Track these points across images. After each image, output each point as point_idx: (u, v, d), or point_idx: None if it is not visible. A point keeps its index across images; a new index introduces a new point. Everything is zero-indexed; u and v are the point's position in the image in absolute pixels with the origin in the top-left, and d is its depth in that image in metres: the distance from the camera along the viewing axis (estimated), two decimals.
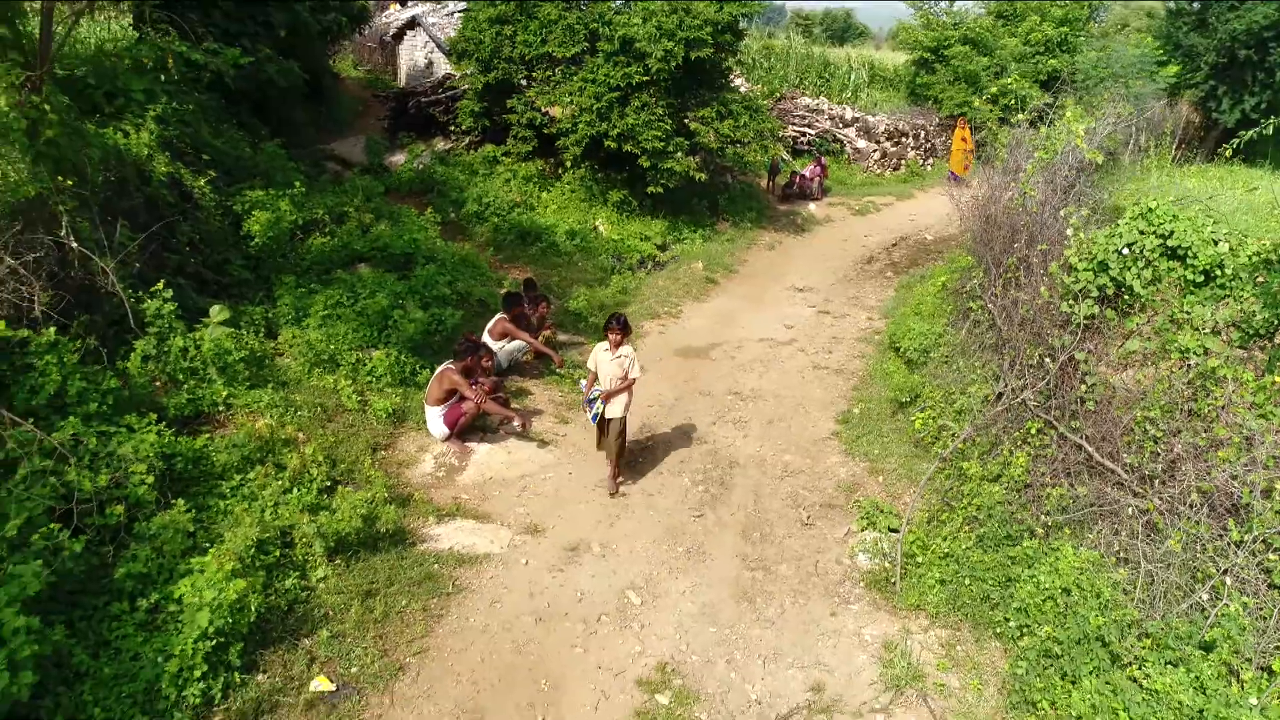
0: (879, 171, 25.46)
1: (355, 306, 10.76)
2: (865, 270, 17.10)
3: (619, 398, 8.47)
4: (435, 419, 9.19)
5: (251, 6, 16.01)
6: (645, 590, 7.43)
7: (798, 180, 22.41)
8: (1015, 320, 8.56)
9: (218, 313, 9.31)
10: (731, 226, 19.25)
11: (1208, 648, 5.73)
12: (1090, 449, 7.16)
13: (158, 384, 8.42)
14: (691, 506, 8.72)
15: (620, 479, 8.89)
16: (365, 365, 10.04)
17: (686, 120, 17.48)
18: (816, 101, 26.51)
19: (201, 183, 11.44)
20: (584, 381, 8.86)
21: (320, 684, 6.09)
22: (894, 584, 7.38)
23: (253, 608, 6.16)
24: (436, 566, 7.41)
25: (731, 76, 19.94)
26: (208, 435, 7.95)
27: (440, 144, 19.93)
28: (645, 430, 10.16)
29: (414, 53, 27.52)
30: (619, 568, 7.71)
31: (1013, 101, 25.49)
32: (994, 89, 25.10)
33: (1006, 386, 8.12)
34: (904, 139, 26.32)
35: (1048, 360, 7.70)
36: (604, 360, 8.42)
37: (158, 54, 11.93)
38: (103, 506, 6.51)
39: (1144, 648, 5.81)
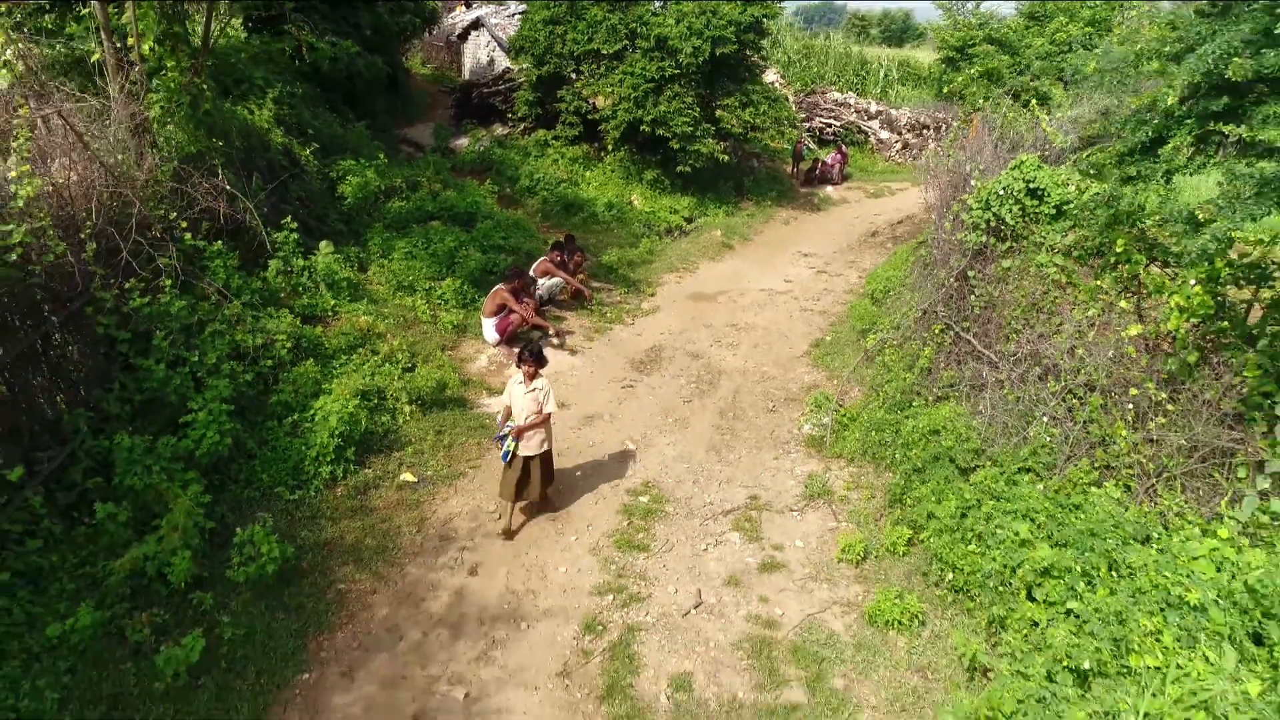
0: (900, 161, 27.84)
1: (428, 249, 13.76)
2: (868, 242, 19.63)
3: (534, 434, 7.96)
4: (489, 328, 12.11)
5: (344, 8, 19.25)
6: (640, 442, 10.21)
7: (820, 166, 24.99)
8: (943, 254, 11.16)
9: (325, 246, 12.34)
10: (754, 205, 21.94)
11: (1025, 468, 8.28)
12: (974, 342, 9.75)
13: (284, 293, 11.45)
14: (683, 396, 11.47)
15: (515, 529, 8.37)
16: (436, 291, 13.01)
17: (714, 108, 20.23)
18: (844, 96, 29.03)
19: (307, 152, 14.57)
20: (499, 416, 8.30)
21: (407, 477, 9.00)
22: (825, 441, 10.06)
23: (362, 423, 9.13)
24: (487, 420, 10.28)
25: (761, 71, 22.59)
26: (322, 328, 10.94)
27: (499, 129, 22.97)
28: (655, 352, 12.92)
29: (477, 50, 30.70)
30: (622, 428, 10.50)
31: (1034, 98, 27.64)
32: (1012, 84, 27.23)
33: (927, 302, 10.74)
34: (926, 131, 28.65)
35: (949, 279, 10.30)
36: (517, 394, 7.92)
37: (270, 48, 15.19)
38: (257, 359, 9.51)
39: (980, 463, 8.42)
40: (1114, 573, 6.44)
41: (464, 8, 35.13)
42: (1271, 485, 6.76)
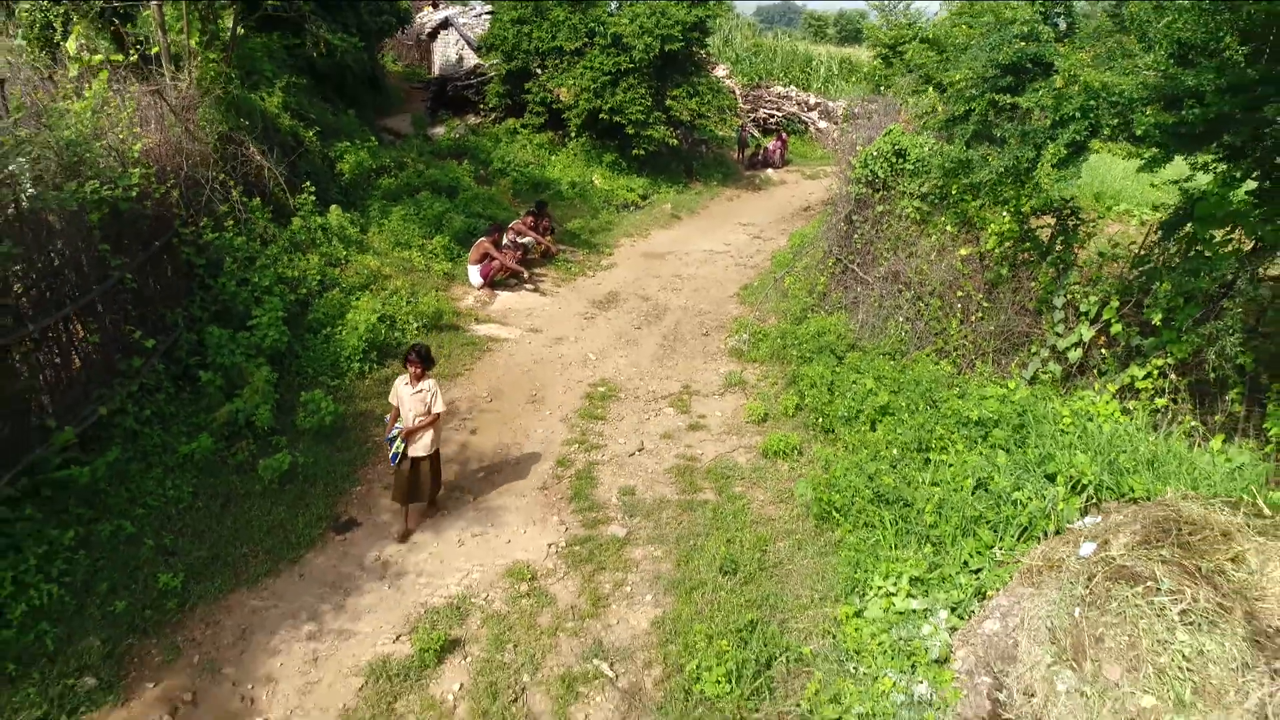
0: (836, 149, 30.98)
1: (419, 214, 16.52)
2: (801, 215, 22.67)
3: (423, 435, 8.21)
4: (474, 273, 14.92)
5: (334, 9, 21.90)
6: (599, 355, 13.08)
7: (762, 152, 28.07)
8: (839, 207, 14.21)
9: (335, 209, 15.07)
10: (701, 185, 24.93)
11: (884, 353, 11.29)
12: (855, 269, 12.78)
13: (306, 244, 14.16)
14: (634, 325, 14.37)
15: (410, 529, 8.55)
16: (428, 247, 15.78)
17: (665, 99, 23.18)
18: (787, 89, 32.19)
19: (310, 134, 17.23)
20: (387, 418, 8.61)
21: None
22: (743, 352, 13.02)
23: (381, 335, 11.91)
24: (475, 340, 13.10)
25: (710, 65, 25.57)
26: (339, 270, 13.68)
27: (471, 119, 25.72)
28: (612, 295, 15.79)
29: (446, 48, 33.38)
30: (585, 347, 13.37)
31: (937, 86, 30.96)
32: (939, 79, 30.50)
33: (825, 243, 13.78)
34: (858, 121, 31.83)
35: (840, 223, 13.35)
36: (405, 395, 8.16)
37: (277, 44, 17.84)
38: (295, 288, 12.24)
39: (852, 352, 11.42)
40: (928, 408, 9.43)
41: (432, 8, 37.76)
42: (1048, 354, 9.81)
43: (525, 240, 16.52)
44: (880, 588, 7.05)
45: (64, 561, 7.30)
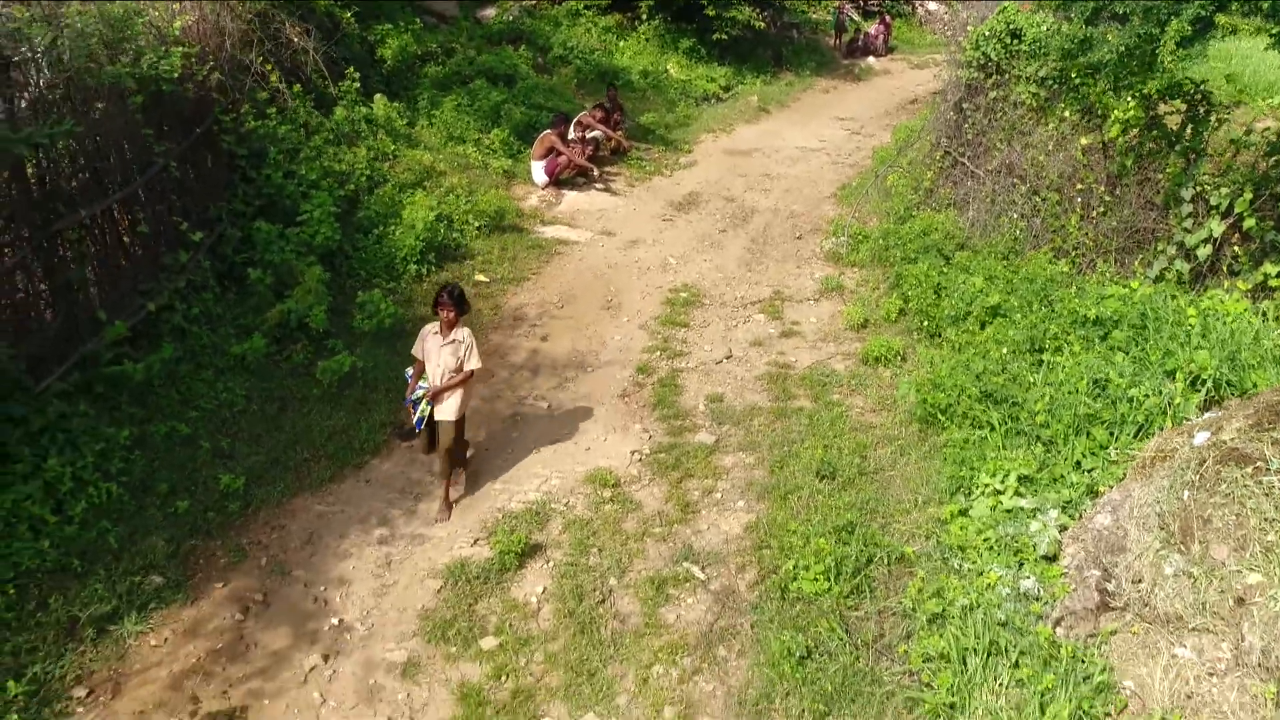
0: (948, 34, 30.20)
1: (473, 106, 16.70)
2: (907, 108, 22.29)
3: (451, 396, 7.68)
4: (538, 170, 15.10)
5: None
6: (680, 259, 13.23)
7: (863, 38, 27.52)
8: (949, 96, 14.03)
9: (380, 98, 15.32)
10: (792, 74, 24.63)
11: (996, 254, 11.24)
12: (965, 162, 12.69)
13: (350, 136, 14.46)
14: (718, 228, 14.46)
15: (456, 500, 8.07)
16: (484, 141, 15.99)
17: None
18: None
19: (348, 15, 17.43)
20: (409, 371, 7.96)
21: (480, 277, 12.10)
22: (841, 255, 13.05)
23: (440, 234, 12.21)
24: (543, 243, 13.35)
25: None
26: (388, 164, 13.97)
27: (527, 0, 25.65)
28: (693, 196, 15.85)
29: None
30: (664, 250, 13.52)
31: None
32: None
33: (933, 135, 13.66)
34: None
35: (949, 112, 13.22)
36: (433, 347, 7.60)
37: None
38: (342, 183, 12.56)
39: (959, 250, 11.41)
40: (1043, 307, 9.46)
41: None
42: (1175, 251, 9.74)
43: (595, 134, 16.60)
44: (987, 486, 7.33)
45: (121, 460, 7.81)
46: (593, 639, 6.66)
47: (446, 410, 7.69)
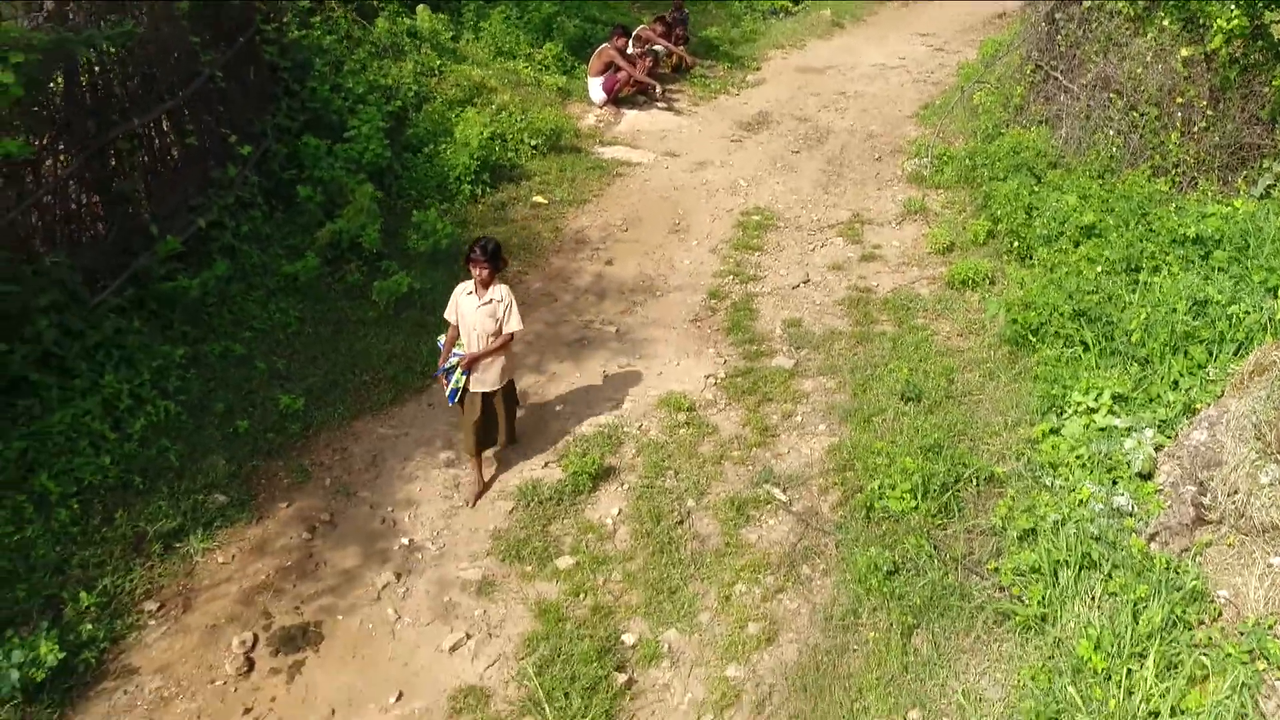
0: None
1: (523, 19, 16.89)
2: (993, 23, 22.08)
3: (491, 364, 7.35)
4: (595, 87, 15.30)
5: None
6: (751, 181, 13.42)
7: None
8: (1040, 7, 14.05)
9: (422, 9, 15.55)
10: None
11: (1091, 174, 11.32)
12: (1058, 76, 12.73)
13: (393, 50, 14.73)
14: (791, 149, 14.60)
15: (486, 483, 7.80)
16: (536, 56, 16.20)
17: None
18: None
19: None
20: (441, 339, 7.67)
21: (538, 199, 12.39)
22: (924, 176, 13.17)
23: (495, 153, 12.50)
24: (603, 164, 13.58)
25: None
26: (436, 80, 14.23)
27: None
28: (762, 116, 15.97)
29: None
30: (734, 172, 13.70)
31: None
32: None
33: (1023, 48, 13.71)
34: None
35: (1041, 23, 13.25)
36: (467, 308, 7.25)
37: None
38: (389, 99, 12.86)
39: (1051, 169, 11.50)
40: (1140, 226, 9.59)
41: None
42: None
43: (656, 49, 16.73)
44: (1080, 404, 7.62)
45: (178, 379, 8.25)
46: (672, 558, 7.03)
47: (486, 379, 7.41)
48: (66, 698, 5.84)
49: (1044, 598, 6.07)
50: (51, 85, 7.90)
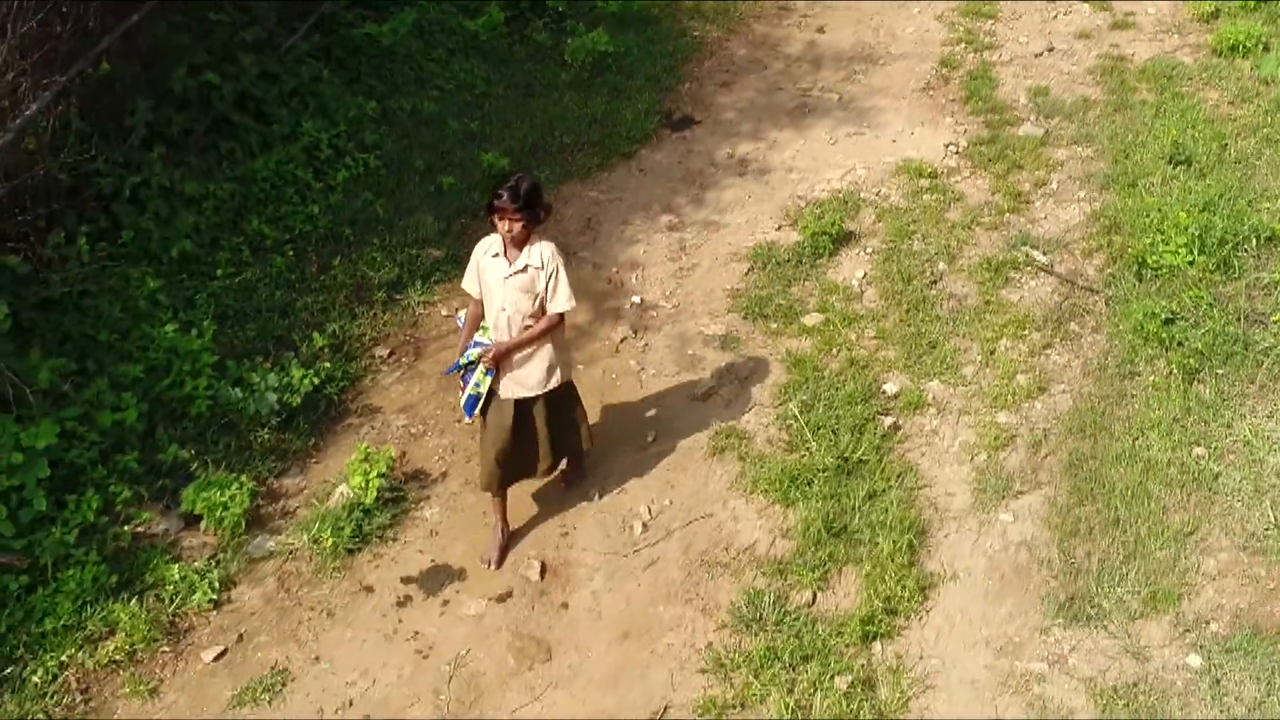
0: None
1: None
2: None
3: (532, 357, 5.32)
4: None
5: None
6: None
7: None
8: None
9: None
10: None
11: None
12: None
13: None
14: None
15: (513, 532, 5.78)
16: None
17: None
18: None
19: None
20: (460, 315, 6.02)
21: None
22: None
23: None
24: None
25: None
26: None
27: None
28: None
29: None
30: None
31: None
32: None
33: None
34: None
35: None
36: (493, 276, 5.26)
37: None
38: None
39: None
40: None
41: None
42: None
43: None
44: None
45: (373, 133, 8.43)
46: (928, 314, 7.18)
47: (524, 379, 5.33)
48: (315, 429, 6.15)
49: None
50: None
